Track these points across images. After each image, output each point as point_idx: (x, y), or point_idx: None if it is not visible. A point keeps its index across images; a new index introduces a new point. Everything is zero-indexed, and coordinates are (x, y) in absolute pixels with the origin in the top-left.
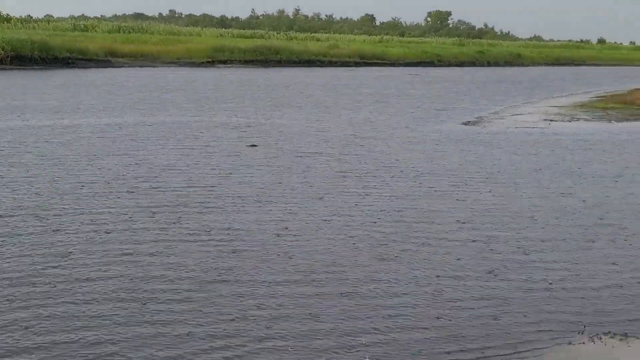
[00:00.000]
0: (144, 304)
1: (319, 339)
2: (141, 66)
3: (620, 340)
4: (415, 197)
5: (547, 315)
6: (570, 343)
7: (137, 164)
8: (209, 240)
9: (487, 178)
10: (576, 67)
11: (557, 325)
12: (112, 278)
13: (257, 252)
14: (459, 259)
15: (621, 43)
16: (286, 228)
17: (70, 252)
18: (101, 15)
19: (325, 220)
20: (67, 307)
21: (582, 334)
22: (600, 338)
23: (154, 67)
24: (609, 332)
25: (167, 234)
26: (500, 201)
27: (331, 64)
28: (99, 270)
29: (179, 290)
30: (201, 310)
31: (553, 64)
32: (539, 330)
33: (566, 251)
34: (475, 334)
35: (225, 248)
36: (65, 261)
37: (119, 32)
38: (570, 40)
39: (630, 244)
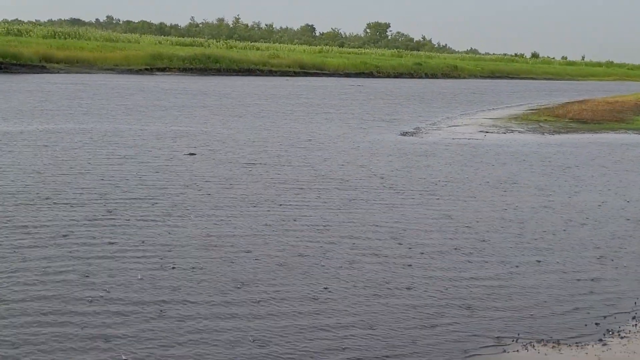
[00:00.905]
0: (70, 324)
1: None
2: (77, 72)
3: (553, 347)
4: (350, 209)
5: (482, 324)
6: (504, 351)
7: (69, 173)
8: (142, 254)
9: (423, 188)
10: (511, 80)
11: (491, 334)
12: (33, 296)
13: (189, 267)
14: (393, 272)
15: (553, 57)
16: (216, 243)
17: None
18: (36, 20)
19: (257, 234)
20: None
21: (516, 341)
22: (534, 345)
23: (90, 73)
24: (542, 339)
25: (98, 248)
26: (434, 212)
27: (271, 73)
28: (20, 289)
29: (108, 310)
30: (131, 331)
31: (489, 77)
32: (473, 340)
33: (500, 261)
34: (408, 345)
35: (158, 263)
36: None
37: (55, 37)
38: (505, 54)
39: (556, 251)
